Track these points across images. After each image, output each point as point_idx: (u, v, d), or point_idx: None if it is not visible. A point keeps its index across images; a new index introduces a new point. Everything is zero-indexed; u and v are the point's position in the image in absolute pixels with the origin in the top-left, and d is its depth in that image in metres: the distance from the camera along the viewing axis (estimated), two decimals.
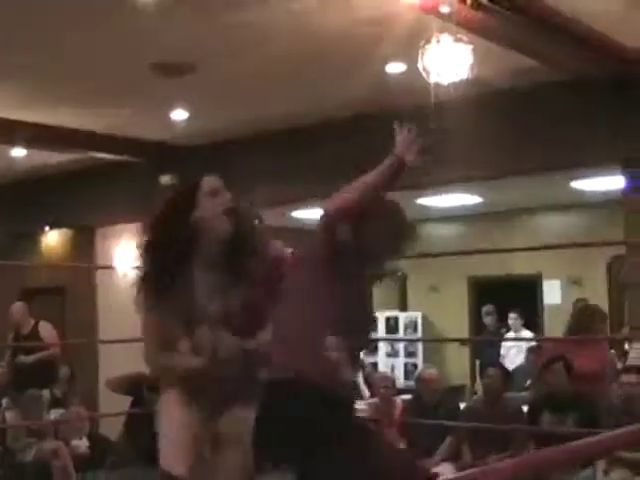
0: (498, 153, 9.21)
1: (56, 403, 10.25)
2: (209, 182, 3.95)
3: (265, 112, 9.80)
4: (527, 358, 10.99)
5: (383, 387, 8.94)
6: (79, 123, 10.36)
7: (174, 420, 3.73)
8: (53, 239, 14.08)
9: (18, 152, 11.52)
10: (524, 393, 9.70)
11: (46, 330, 10.45)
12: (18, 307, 10.70)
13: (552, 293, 13.03)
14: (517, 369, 10.82)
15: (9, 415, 9.75)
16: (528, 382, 10.27)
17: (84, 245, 13.23)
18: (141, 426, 8.34)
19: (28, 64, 8.27)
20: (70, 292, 13.11)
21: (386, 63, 8.22)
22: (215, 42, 7.68)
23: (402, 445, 8.02)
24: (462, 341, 13.79)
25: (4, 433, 9.34)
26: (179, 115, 9.97)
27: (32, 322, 10.51)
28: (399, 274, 14.01)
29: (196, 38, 7.61)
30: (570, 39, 7.33)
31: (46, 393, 10.00)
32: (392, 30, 7.22)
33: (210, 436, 3.68)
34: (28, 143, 10.87)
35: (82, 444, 9.57)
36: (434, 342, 14.66)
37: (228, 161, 9.75)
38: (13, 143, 10.99)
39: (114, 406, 10.17)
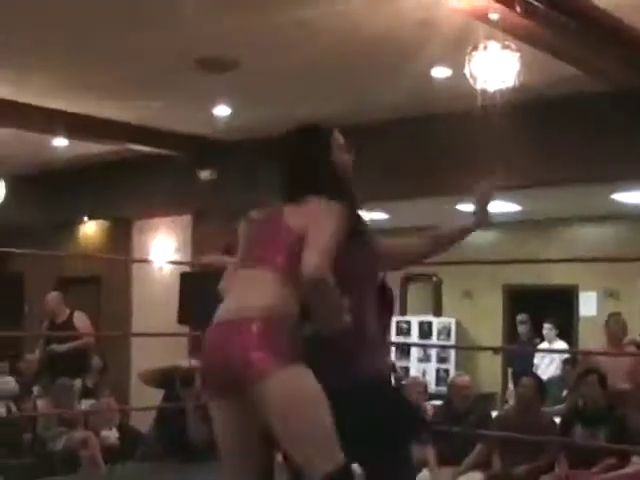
0: (538, 162, 9.15)
1: (87, 393, 10.29)
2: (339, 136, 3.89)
3: (306, 111, 9.77)
4: (563, 369, 10.93)
5: (415, 391, 8.89)
6: (121, 115, 10.40)
7: None
8: (91, 229, 14.16)
9: (60, 142, 11.58)
10: (558, 406, 9.64)
11: (80, 320, 10.50)
12: (53, 296, 10.76)
13: (588, 305, 12.92)
14: (550, 380, 10.74)
15: (40, 403, 9.81)
16: (564, 393, 10.22)
17: (121, 237, 13.29)
18: (172, 420, 8.36)
19: (74, 56, 8.32)
20: (106, 283, 13.17)
21: (431, 67, 8.18)
22: (261, 38, 7.67)
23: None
24: (495, 350, 13.70)
25: (35, 421, 9.40)
26: (221, 111, 9.98)
27: (67, 312, 10.56)
28: (434, 279, 13.97)
29: (241, 34, 7.61)
30: (617, 50, 7.27)
31: (77, 383, 10.04)
32: (439, 34, 7.19)
33: None
34: (70, 133, 10.92)
35: (112, 435, 9.60)
36: (467, 350, 14.59)
37: (269, 158, 9.74)
38: (55, 133, 11.05)
39: (145, 398, 10.20)
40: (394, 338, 13.95)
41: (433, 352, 13.96)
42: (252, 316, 3.11)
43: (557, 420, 8.03)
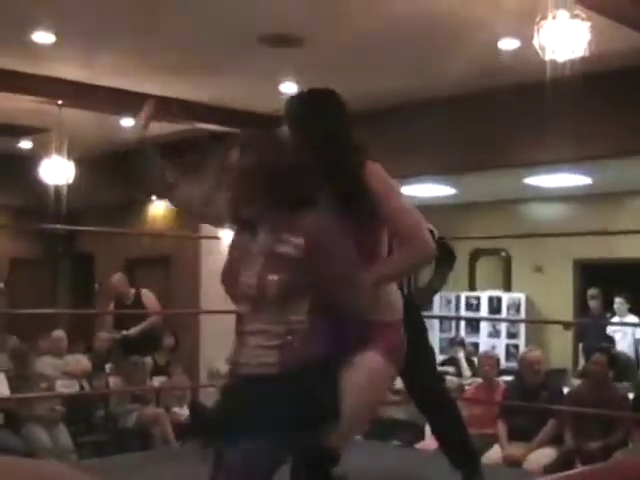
0: (607, 133, 9.02)
1: (158, 371, 10.39)
2: None
3: (372, 88, 9.73)
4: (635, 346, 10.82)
5: (487, 365, 8.83)
6: (186, 94, 10.44)
7: None
8: (159, 209, 14.25)
9: (128, 122, 11.66)
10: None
11: (148, 298, 10.59)
12: (119, 278, 10.87)
13: None
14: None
15: (112, 380, 9.93)
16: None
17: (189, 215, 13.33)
18: None
19: (139, 35, 8.36)
20: (174, 262, 13.26)
21: (499, 38, 8.08)
22: (325, 14, 7.65)
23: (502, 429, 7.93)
24: (565, 324, 13.56)
25: (107, 398, 9.52)
26: (288, 88, 9.96)
27: (133, 291, 10.66)
28: (503, 254, 13.87)
29: (306, 10, 7.59)
30: None
31: (149, 360, 10.15)
32: (506, 4, 7.10)
33: None
34: (136, 113, 10.96)
35: (183, 412, 9.70)
36: (537, 323, 14.47)
37: None
38: (122, 113, 11.13)
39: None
40: (464, 312, 13.91)
41: (503, 328, 13.87)
42: None
43: (630, 396, 7.95)
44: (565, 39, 5.95)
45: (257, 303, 3.16)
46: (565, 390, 8.51)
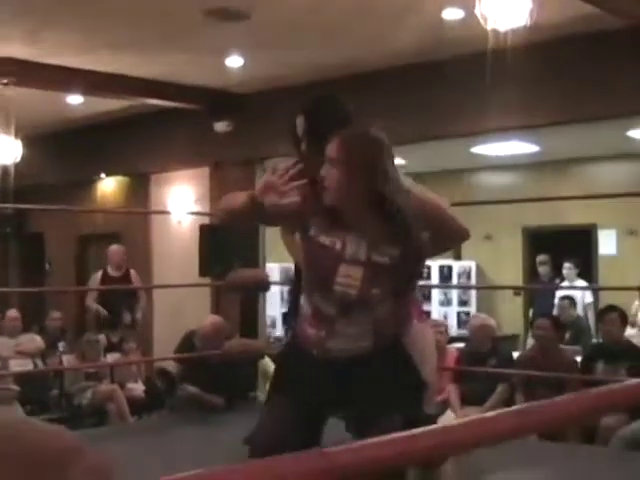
0: (554, 101, 9.11)
1: (112, 348, 10.39)
2: None
3: (319, 59, 9.76)
4: (560, 306, 10.95)
5: (437, 332, 8.91)
6: (134, 70, 10.39)
7: None
8: (109, 186, 14.21)
9: (74, 99, 11.60)
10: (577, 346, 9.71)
11: (135, 277, 10.81)
12: (119, 249, 10.97)
13: (607, 243, 12.93)
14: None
15: (66, 359, 9.92)
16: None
17: (139, 192, 13.34)
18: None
19: (82, 11, 8.31)
20: (125, 238, 13.24)
21: (442, 9, 8.13)
22: None
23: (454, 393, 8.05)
24: (515, 290, 13.74)
25: (62, 377, 9.52)
26: (234, 61, 9.96)
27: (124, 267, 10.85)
28: None
29: None
30: None
31: (102, 338, 10.15)
32: None
33: None
34: (84, 90, 10.94)
35: (138, 387, 9.72)
36: (487, 290, 14.63)
37: (283, 109, 9.74)
38: (69, 90, 11.07)
39: (168, 351, 10.29)
40: None
41: (454, 296, 14.01)
42: None
43: (578, 359, 8.09)
44: (507, 8, 6.02)
45: (352, 307, 3.34)
46: (515, 355, 8.65)
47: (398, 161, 3.42)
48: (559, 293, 11.43)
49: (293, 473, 1.42)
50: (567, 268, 11.99)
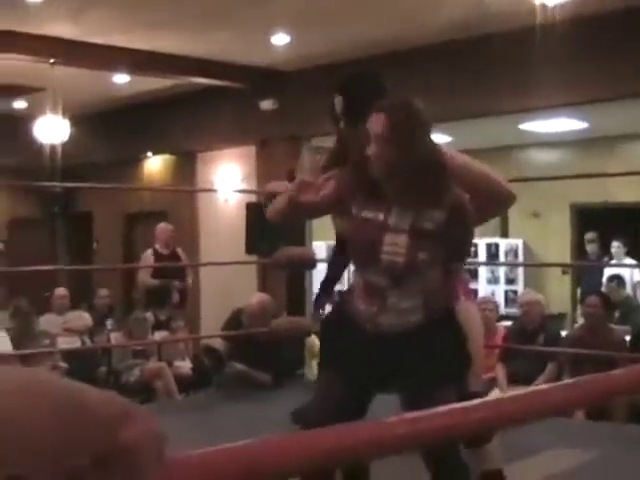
0: (603, 77, 9.01)
1: (160, 325, 10.44)
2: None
3: (365, 36, 9.71)
4: (608, 286, 10.80)
5: (487, 310, 8.86)
6: (180, 49, 10.41)
7: None
8: (155, 165, 14.27)
9: (120, 78, 11.65)
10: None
11: (182, 254, 10.83)
12: (167, 227, 11.00)
13: None
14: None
15: (114, 336, 9.99)
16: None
17: (185, 170, 13.39)
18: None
19: None
20: (172, 217, 13.30)
21: None
22: None
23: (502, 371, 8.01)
24: (563, 267, 13.62)
25: (109, 354, 9.58)
26: (279, 39, 9.94)
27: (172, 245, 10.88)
28: None
29: None
30: None
31: (150, 316, 10.20)
32: None
33: None
34: (130, 69, 10.98)
35: (185, 365, 9.77)
36: (535, 268, 14.53)
37: (328, 86, 9.72)
38: (115, 69, 11.12)
39: (215, 330, 10.34)
40: None
41: (501, 274, 13.92)
42: None
43: (627, 338, 8.02)
44: None
45: (402, 276, 3.34)
46: (563, 334, 8.59)
47: (446, 138, 3.44)
48: (607, 273, 11.30)
49: (352, 441, 1.43)
50: (615, 247, 11.86)
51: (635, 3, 8.38)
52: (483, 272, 13.97)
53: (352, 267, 3.63)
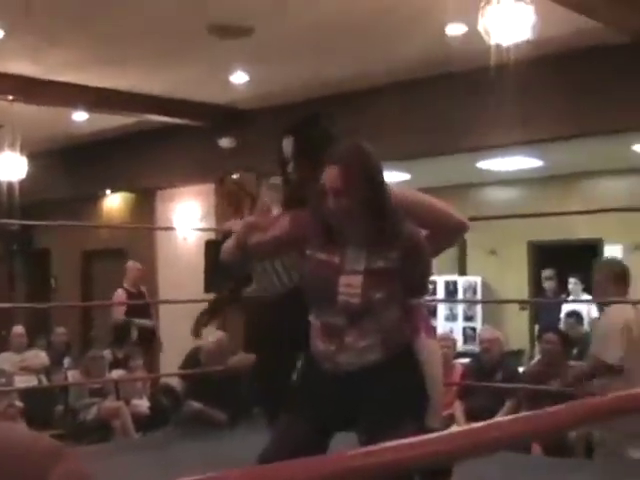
0: (557, 115, 9.13)
1: (117, 364, 10.38)
2: None
3: (323, 75, 9.78)
4: (566, 322, 10.88)
5: (445, 347, 8.89)
6: (139, 86, 10.42)
7: None
8: (114, 202, 14.23)
9: (80, 116, 11.63)
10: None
11: (147, 294, 10.86)
12: (139, 266, 10.97)
13: None
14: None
15: (71, 374, 9.92)
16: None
17: (144, 208, 13.36)
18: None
19: (88, 28, 8.34)
20: (131, 255, 13.25)
21: (446, 24, 8.14)
22: (274, 2, 7.67)
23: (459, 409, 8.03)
24: (521, 304, 13.69)
25: (67, 392, 9.51)
26: (238, 78, 9.98)
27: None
28: None
29: (252, 0, 7.62)
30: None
31: (107, 354, 10.14)
32: None
33: None
34: (89, 107, 10.97)
35: (142, 404, 9.71)
36: (493, 304, 14.59)
37: (281, 129, 9.75)
38: (75, 107, 11.10)
39: (173, 368, 10.28)
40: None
41: (460, 311, 13.97)
42: None
43: None
44: (510, 23, 6.03)
45: (358, 316, 3.37)
46: (521, 370, 8.63)
47: (405, 176, 3.50)
48: (565, 309, 11.39)
49: (306, 475, 1.45)
50: (573, 283, 11.96)
51: (590, 43, 8.51)
52: (442, 309, 14.01)
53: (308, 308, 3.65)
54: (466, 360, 9.43)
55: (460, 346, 12.56)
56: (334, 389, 3.42)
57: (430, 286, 13.90)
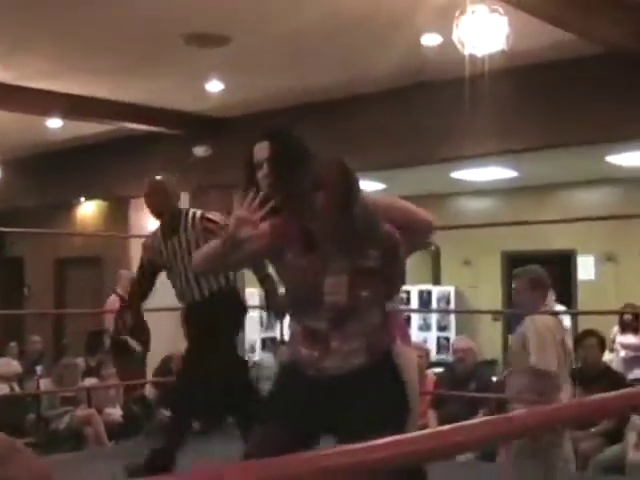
0: (531, 126, 9.16)
1: (90, 372, 10.34)
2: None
3: (298, 85, 9.78)
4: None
5: (418, 356, 8.91)
6: (114, 94, 10.39)
7: None
8: (88, 210, 14.18)
9: (54, 123, 11.59)
10: None
11: None
12: (128, 273, 10.90)
13: (586, 269, 12.97)
14: None
15: (43, 383, 9.87)
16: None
17: (118, 216, 13.33)
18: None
19: (63, 35, 8.31)
20: (105, 263, 13.21)
21: (421, 34, 8.16)
22: (250, 12, 7.67)
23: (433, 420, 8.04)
24: (494, 314, 13.74)
25: (39, 401, 9.46)
26: (213, 86, 9.97)
27: None
28: (432, 248, 13.99)
29: (231, 8, 7.61)
30: (607, 10, 7.25)
31: (81, 362, 10.10)
32: (428, 0, 7.18)
33: None
34: (64, 114, 10.93)
35: (115, 412, 9.67)
36: (467, 314, 14.65)
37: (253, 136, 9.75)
38: (49, 114, 11.05)
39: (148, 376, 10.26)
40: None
41: (433, 320, 14.01)
42: None
43: None
44: (484, 34, 6.06)
45: (344, 316, 3.42)
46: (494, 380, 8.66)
47: (380, 185, 3.54)
48: None
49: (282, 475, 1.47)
50: None
51: (563, 56, 8.55)
52: (415, 319, 14.06)
53: (288, 314, 3.67)
54: (439, 370, 9.45)
55: (434, 356, 12.59)
56: (318, 394, 3.44)
57: (403, 295, 13.95)
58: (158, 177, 6.39)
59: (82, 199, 14.03)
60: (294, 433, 3.44)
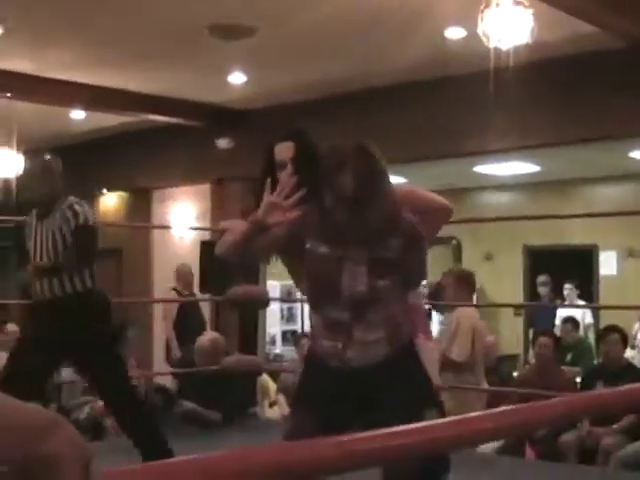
0: (555, 121, 9.12)
1: None
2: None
3: (321, 77, 9.77)
4: (563, 328, 10.86)
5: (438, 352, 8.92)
6: (137, 85, 10.42)
7: None
8: (110, 201, 14.21)
9: (77, 114, 11.62)
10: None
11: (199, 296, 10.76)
12: (185, 267, 10.87)
13: (608, 264, 12.92)
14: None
15: (64, 373, 9.89)
16: None
17: (140, 208, 13.35)
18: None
19: (87, 27, 8.33)
20: (127, 255, 13.24)
21: (445, 28, 8.14)
22: (275, 3, 7.67)
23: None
24: (516, 309, 13.70)
25: (60, 391, 9.49)
26: (236, 78, 9.98)
27: None
28: (454, 242, 13.96)
29: (255, 0, 7.61)
30: (632, 4, 7.21)
31: None
32: None
33: None
34: (87, 105, 10.96)
35: None
36: (488, 309, 14.60)
37: (285, 125, 9.74)
38: (72, 105, 11.09)
39: (166, 368, 10.28)
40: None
41: None
42: None
43: (578, 380, 8.07)
44: (509, 27, 6.03)
45: (365, 306, 3.38)
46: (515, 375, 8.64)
47: (401, 179, 3.53)
48: (561, 314, 11.39)
49: (310, 458, 1.47)
50: (568, 289, 11.98)
51: (586, 49, 8.51)
52: (436, 314, 14.00)
53: (309, 306, 3.64)
54: None
55: None
56: (343, 386, 3.42)
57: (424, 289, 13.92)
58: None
59: (104, 190, 14.06)
60: (325, 423, 3.41)
